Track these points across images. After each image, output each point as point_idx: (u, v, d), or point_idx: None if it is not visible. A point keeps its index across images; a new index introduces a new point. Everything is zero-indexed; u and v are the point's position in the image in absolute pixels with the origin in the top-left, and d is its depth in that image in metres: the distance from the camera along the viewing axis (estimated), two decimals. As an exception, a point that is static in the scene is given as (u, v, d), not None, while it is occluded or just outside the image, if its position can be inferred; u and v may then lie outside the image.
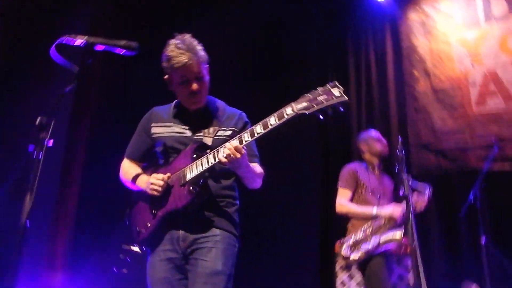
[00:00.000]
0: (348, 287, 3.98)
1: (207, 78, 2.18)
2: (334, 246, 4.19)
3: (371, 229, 3.40)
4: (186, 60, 2.05)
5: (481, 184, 4.06)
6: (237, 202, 2.25)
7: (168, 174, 2.10)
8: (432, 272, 4.30)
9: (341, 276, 4.07)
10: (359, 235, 3.42)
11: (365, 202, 3.63)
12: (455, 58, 5.09)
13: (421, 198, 3.48)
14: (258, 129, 1.94)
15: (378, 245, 3.29)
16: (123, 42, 1.77)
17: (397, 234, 3.28)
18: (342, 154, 5.24)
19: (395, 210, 3.39)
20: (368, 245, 3.31)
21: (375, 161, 3.84)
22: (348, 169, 3.80)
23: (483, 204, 4.09)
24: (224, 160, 1.95)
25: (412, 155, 4.96)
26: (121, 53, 1.77)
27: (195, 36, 2.17)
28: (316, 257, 4.89)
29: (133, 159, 2.35)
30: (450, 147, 4.95)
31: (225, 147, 1.95)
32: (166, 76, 2.18)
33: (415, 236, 2.68)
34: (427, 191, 3.51)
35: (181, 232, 2.10)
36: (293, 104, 1.90)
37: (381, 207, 3.48)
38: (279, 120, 1.89)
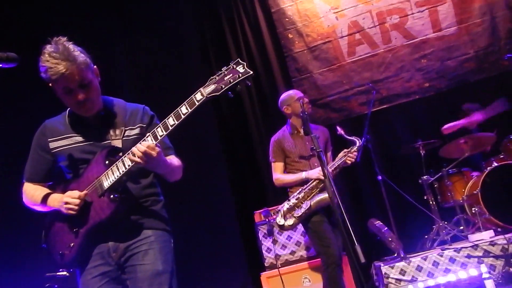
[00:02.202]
0: (274, 252, 4.12)
1: (95, 81, 1.99)
2: (253, 216, 4.32)
3: (303, 194, 3.51)
4: (64, 71, 1.85)
5: (367, 127, 4.41)
6: (162, 198, 2.16)
7: (85, 192, 1.92)
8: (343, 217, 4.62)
9: (265, 244, 4.19)
10: (292, 201, 3.50)
11: (296, 168, 3.67)
12: (320, 15, 5.38)
13: (350, 152, 3.63)
14: (171, 121, 1.87)
15: (309, 208, 3.41)
16: None
17: (324, 195, 3.42)
18: (239, 127, 5.31)
19: (321, 171, 3.45)
20: (300, 211, 3.43)
21: (299, 122, 3.77)
22: (273, 141, 3.80)
23: (373, 144, 4.47)
24: (139, 161, 1.84)
25: (303, 113, 5.19)
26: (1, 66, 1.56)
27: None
28: (237, 230, 4.94)
29: (35, 181, 2.10)
30: (333, 99, 5.30)
31: (137, 149, 1.84)
32: (50, 84, 1.95)
33: (334, 188, 2.76)
34: (356, 145, 3.66)
35: (111, 243, 1.96)
36: (201, 89, 1.87)
37: (309, 171, 3.57)
38: (190, 107, 1.85)
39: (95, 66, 2.02)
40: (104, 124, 2.04)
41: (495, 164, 4.23)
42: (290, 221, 3.46)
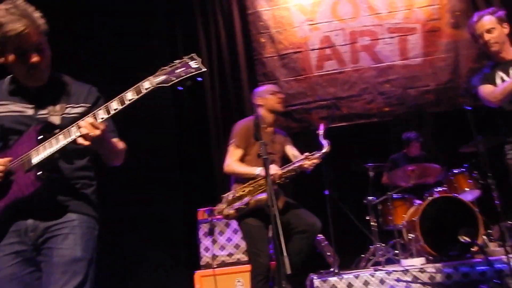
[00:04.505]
0: (211, 252, 4.12)
1: (48, 50, 1.92)
2: (196, 214, 4.29)
3: (249, 188, 3.29)
4: (22, 28, 1.77)
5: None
6: (94, 182, 2.07)
7: (9, 158, 1.84)
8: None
9: (204, 242, 4.18)
10: (238, 192, 3.30)
11: (254, 162, 3.37)
12: (295, 24, 5.44)
13: (311, 156, 3.38)
14: (115, 105, 1.81)
15: (247, 204, 3.21)
16: None
17: (264, 196, 3.20)
18: (197, 121, 5.27)
19: (273, 171, 3.23)
20: (238, 205, 3.24)
21: (270, 117, 3.57)
22: (242, 126, 3.47)
23: (326, 159, 4.53)
24: (81, 140, 1.77)
25: (263, 118, 5.22)
26: None
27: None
28: (180, 226, 4.90)
29: None
30: (296, 108, 5.35)
31: (79, 125, 1.77)
32: None
33: (273, 196, 2.77)
34: (322, 150, 3.42)
35: (30, 221, 1.86)
36: (151, 78, 1.82)
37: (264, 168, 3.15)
38: (137, 94, 1.80)
39: (46, 36, 1.93)
40: (45, 98, 1.95)
41: (437, 195, 4.38)
42: (228, 211, 3.26)
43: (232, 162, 3.40)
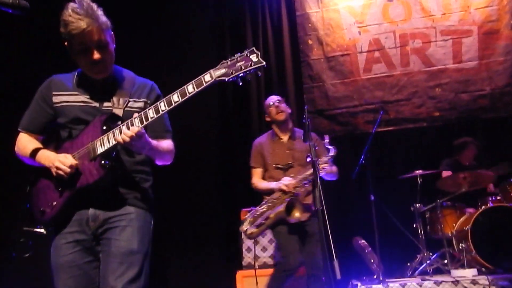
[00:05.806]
0: (253, 252, 4.10)
1: (111, 45, 1.99)
2: (239, 214, 4.29)
3: (269, 204, 3.46)
4: (85, 27, 1.85)
5: (369, 145, 4.37)
6: (151, 177, 2.12)
7: (77, 162, 1.90)
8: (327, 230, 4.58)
9: (247, 243, 4.18)
10: (258, 211, 3.47)
11: (271, 176, 3.60)
12: (344, 26, 5.36)
13: (322, 161, 3.46)
14: (176, 97, 1.85)
15: (268, 219, 3.39)
16: (10, 0, 1.55)
17: (281, 208, 3.36)
18: (241, 122, 5.28)
19: (283, 183, 3.39)
20: (259, 221, 3.41)
21: (278, 127, 3.71)
22: (254, 146, 3.74)
23: (371, 164, 4.44)
24: (122, 142, 1.84)
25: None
26: (10, 11, 1.56)
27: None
28: (221, 225, 4.91)
29: (31, 131, 2.07)
30: (341, 112, 5.27)
31: (124, 134, 1.84)
32: (66, 43, 1.95)
33: (322, 199, 2.75)
34: (328, 153, 3.52)
35: (91, 211, 1.93)
36: (211, 71, 1.85)
37: (277, 182, 3.47)
38: (197, 87, 1.84)
39: (112, 32, 2.01)
40: (109, 91, 2.02)
41: (491, 204, 4.19)
42: (251, 230, 3.46)
43: (255, 181, 3.68)
